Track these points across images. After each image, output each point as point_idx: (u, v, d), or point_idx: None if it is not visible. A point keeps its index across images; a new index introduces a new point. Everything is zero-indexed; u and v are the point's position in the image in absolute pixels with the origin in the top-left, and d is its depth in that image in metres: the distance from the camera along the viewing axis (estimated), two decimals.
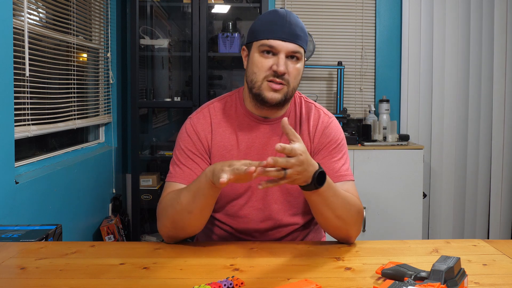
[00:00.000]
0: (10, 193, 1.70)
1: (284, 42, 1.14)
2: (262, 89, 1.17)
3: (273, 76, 1.15)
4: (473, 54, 3.31)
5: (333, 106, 3.32)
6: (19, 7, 1.85)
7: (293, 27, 1.16)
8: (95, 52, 2.85)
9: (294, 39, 1.15)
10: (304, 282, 0.88)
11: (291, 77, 1.17)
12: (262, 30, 1.16)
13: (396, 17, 3.35)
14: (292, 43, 1.15)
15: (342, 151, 1.27)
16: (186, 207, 1.09)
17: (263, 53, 1.16)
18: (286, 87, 1.17)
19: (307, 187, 1.03)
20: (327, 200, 1.08)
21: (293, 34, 1.15)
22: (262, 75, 1.16)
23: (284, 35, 1.14)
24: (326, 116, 1.30)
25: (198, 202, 1.08)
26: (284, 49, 1.15)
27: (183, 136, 1.25)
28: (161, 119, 3.57)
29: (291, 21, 1.16)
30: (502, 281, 0.93)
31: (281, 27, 1.15)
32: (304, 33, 1.19)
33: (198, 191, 1.07)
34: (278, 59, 1.15)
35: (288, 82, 1.17)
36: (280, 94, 1.17)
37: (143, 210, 3.05)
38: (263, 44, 1.15)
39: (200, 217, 1.11)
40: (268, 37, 1.15)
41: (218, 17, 3.25)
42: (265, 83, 1.16)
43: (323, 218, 1.12)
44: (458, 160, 3.35)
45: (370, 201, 2.89)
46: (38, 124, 2.05)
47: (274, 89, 1.16)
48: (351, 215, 1.13)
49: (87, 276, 0.95)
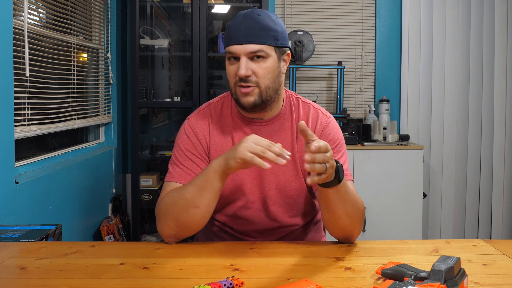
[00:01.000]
0: (10, 193, 1.70)
1: (240, 45, 1.14)
2: (237, 94, 1.19)
3: (239, 81, 1.16)
4: (473, 54, 3.31)
5: (333, 106, 3.32)
6: (19, 7, 1.85)
7: (250, 27, 1.14)
8: (95, 52, 2.85)
9: (252, 39, 1.14)
10: (304, 282, 0.88)
11: (259, 77, 1.16)
12: (226, 37, 1.18)
13: (396, 17, 3.35)
14: (250, 44, 1.14)
15: (341, 151, 1.27)
16: (192, 203, 1.09)
17: (229, 60, 1.18)
18: (257, 89, 1.16)
19: (329, 183, 1.04)
20: (342, 197, 1.09)
21: (250, 35, 1.14)
22: (232, 82, 1.18)
23: (240, 38, 1.14)
24: (325, 116, 1.30)
25: (206, 196, 1.09)
26: (242, 51, 1.14)
27: (182, 136, 1.26)
28: (161, 119, 3.57)
29: (248, 21, 1.15)
30: (502, 281, 0.93)
31: (236, 31, 1.15)
32: (269, 29, 1.15)
33: (206, 184, 1.08)
34: (239, 63, 1.15)
35: (257, 83, 1.16)
36: (253, 97, 1.17)
37: (143, 210, 3.05)
38: (227, 51, 1.18)
39: (206, 212, 1.11)
40: (228, 44, 1.17)
41: (218, 17, 3.25)
42: (237, 88, 1.18)
43: (335, 218, 1.12)
44: (458, 160, 3.35)
45: (370, 201, 2.89)
46: (38, 124, 2.04)
47: (243, 92, 1.17)
48: (358, 213, 1.14)
49: (87, 276, 0.95)
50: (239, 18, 1.17)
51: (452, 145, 3.34)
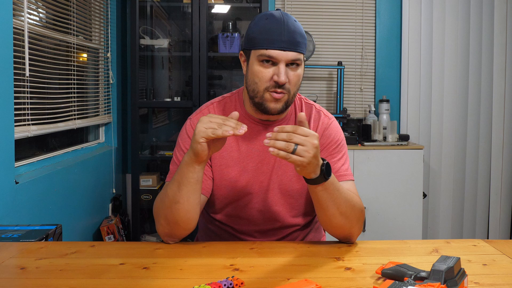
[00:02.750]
0: (10, 193, 1.70)
1: (283, 51, 1.12)
2: (264, 99, 1.16)
3: (274, 87, 1.14)
4: (473, 54, 3.32)
5: (333, 106, 3.33)
6: (19, 7, 1.85)
7: (292, 34, 1.13)
8: (95, 52, 2.85)
9: (294, 47, 1.13)
10: (304, 282, 0.88)
11: (291, 85, 1.15)
12: (260, 38, 1.13)
13: (396, 17, 3.35)
14: (292, 51, 1.12)
15: (342, 151, 1.27)
16: (173, 198, 1.09)
17: (262, 63, 1.14)
18: (287, 95, 1.16)
19: (315, 179, 1.04)
20: (332, 196, 1.08)
21: (293, 42, 1.12)
22: (263, 86, 1.14)
23: (283, 44, 1.11)
24: (326, 117, 1.30)
25: (184, 190, 1.08)
26: (284, 58, 1.12)
27: (184, 136, 1.25)
28: (161, 119, 3.57)
29: (289, 28, 1.13)
30: (502, 281, 0.93)
31: (279, 35, 1.11)
32: (303, 37, 1.16)
33: (182, 178, 1.08)
34: (278, 69, 1.12)
35: (289, 90, 1.15)
36: (281, 103, 1.16)
37: (143, 210, 3.05)
38: (262, 54, 1.13)
39: (187, 206, 1.09)
40: (267, 47, 1.12)
41: (218, 17, 3.25)
42: (267, 93, 1.15)
43: (328, 216, 1.11)
44: (458, 160, 3.36)
45: (370, 201, 2.89)
46: (38, 124, 2.04)
47: (276, 98, 1.15)
48: (354, 212, 1.13)
49: (87, 276, 0.95)
50: (278, 21, 1.13)
51: (452, 145, 3.34)
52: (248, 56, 1.18)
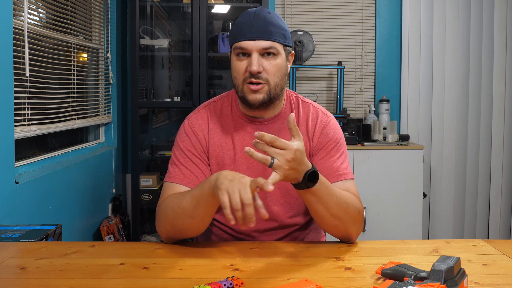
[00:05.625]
0: (10, 193, 1.70)
1: (253, 41, 1.14)
2: (244, 92, 1.18)
3: (249, 77, 1.15)
4: (473, 54, 3.31)
5: (333, 106, 3.32)
6: (19, 7, 1.85)
7: (262, 24, 1.15)
8: (95, 52, 2.85)
9: (265, 35, 1.14)
10: (304, 282, 0.88)
11: (269, 75, 1.16)
12: (234, 33, 1.17)
13: (396, 17, 3.35)
14: (263, 40, 1.14)
15: (341, 149, 1.26)
16: (188, 213, 1.08)
17: (238, 56, 1.17)
18: (266, 86, 1.16)
19: (298, 185, 1.03)
20: (321, 199, 1.07)
21: (263, 31, 1.14)
22: (241, 78, 1.17)
23: (253, 33, 1.14)
24: (325, 115, 1.30)
25: (201, 209, 1.06)
26: (254, 47, 1.14)
27: (182, 136, 1.26)
28: (161, 119, 3.57)
29: (259, 18, 1.15)
30: (502, 281, 0.93)
31: (248, 26, 1.15)
32: (278, 27, 1.17)
33: (201, 198, 1.05)
34: (250, 60, 1.15)
35: (267, 80, 1.16)
36: (261, 94, 1.17)
37: (143, 210, 3.05)
38: (235, 47, 1.17)
39: (201, 223, 1.10)
40: (239, 39, 1.15)
41: (218, 17, 3.25)
42: (245, 86, 1.17)
43: (319, 217, 1.11)
44: (458, 160, 3.36)
45: (370, 201, 2.89)
46: (38, 124, 2.04)
47: (253, 90, 1.16)
48: (348, 214, 1.12)
49: (87, 276, 0.95)
50: (249, 14, 1.17)
51: (452, 145, 3.34)
52: (231, 54, 1.22)
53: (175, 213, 1.11)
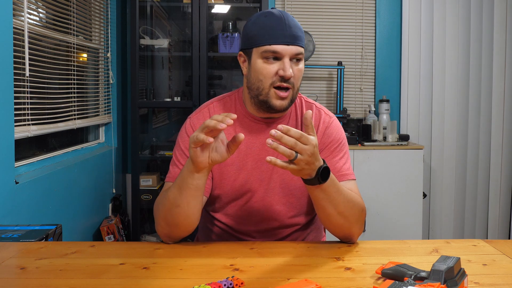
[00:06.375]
0: (10, 193, 1.70)
1: (287, 46, 1.14)
2: (269, 96, 1.16)
3: (279, 81, 1.15)
4: (473, 54, 3.31)
5: (333, 106, 3.33)
6: (19, 7, 1.85)
7: (293, 28, 1.15)
8: (95, 52, 2.85)
9: (296, 41, 1.15)
10: (304, 282, 0.88)
11: (295, 79, 1.17)
12: (262, 35, 1.15)
13: (396, 17, 3.35)
14: (295, 46, 1.15)
15: (344, 150, 1.27)
16: (174, 202, 1.09)
17: (266, 59, 1.15)
18: (291, 91, 1.17)
19: (310, 181, 1.03)
20: (330, 196, 1.07)
21: (294, 36, 1.15)
22: (268, 82, 1.16)
23: (287, 38, 1.14)
24: (327, 116, 1.30)
25: (184, 195, 1.07)
26: (288, 53, 1.14)
27: (183, 136, 1.25)
28: (161, 119, 3.57)
29: (289, 23, 1.15)
30: (502, 281, 0.92)
31: (281, 30, 1.14)
32: (302, 32, 1.19)
33: (182, 183, 1.07)
34: (283, 64, 1.14)
35: (293, 84, 1.17)
36: (287, 100, 1.17)
37: (143, 210, 3.05)
38: (266, 50, 1.14)
39: (188, 210, 1.09)
40: (271, 42, 1.14)
41: (218, 17, 3.25)
42: (272, 90, 1.16)
43: (326, 215, 1.11)
44: (458, 160, 3.36)
45: (370, 201, 2.89)
46: (38, 124, 2.04)
47: (281, 97, 1.16)
48: (353, 212, 1.12)
49: (87, 276, 0.94)
50: (276, 17, 1.15)
51: (452, 145, 3.34)
52: (249, 55, 1.19)
53: (164, 207, 1.11)
